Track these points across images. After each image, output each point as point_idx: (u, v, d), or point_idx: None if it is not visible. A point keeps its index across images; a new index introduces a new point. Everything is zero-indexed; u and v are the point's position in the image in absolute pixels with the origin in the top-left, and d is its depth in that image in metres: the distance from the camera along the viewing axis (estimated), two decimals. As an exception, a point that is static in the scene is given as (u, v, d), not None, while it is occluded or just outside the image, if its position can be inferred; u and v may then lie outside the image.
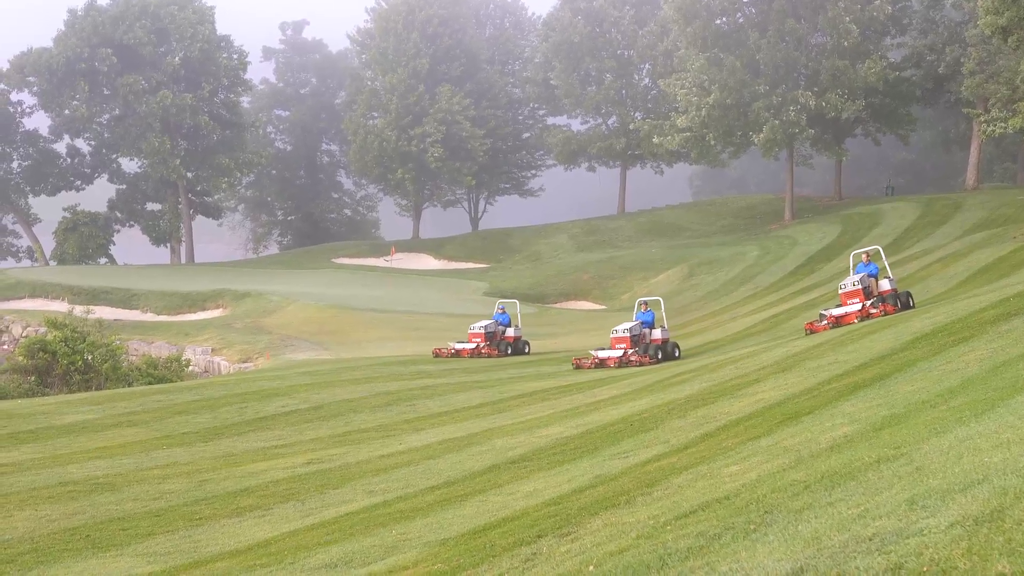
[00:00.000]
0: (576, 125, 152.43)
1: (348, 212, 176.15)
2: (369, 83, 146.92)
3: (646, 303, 50.25)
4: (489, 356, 54.31)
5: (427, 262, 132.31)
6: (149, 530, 18.93)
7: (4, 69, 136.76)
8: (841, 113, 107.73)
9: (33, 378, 52.71)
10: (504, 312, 58.85)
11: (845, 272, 69.57)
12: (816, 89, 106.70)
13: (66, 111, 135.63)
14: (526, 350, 56.85)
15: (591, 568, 10.19)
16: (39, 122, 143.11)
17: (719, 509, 11.65)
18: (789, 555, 8.41)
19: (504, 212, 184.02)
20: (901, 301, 41.72)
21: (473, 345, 55.07)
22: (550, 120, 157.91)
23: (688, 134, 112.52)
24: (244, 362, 65.71)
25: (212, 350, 70.30)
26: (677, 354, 46.85)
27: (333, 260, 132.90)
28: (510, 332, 57.32)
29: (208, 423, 34.13)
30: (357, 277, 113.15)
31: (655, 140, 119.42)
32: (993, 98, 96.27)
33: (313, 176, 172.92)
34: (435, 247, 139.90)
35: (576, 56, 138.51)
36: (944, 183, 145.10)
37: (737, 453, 16.35)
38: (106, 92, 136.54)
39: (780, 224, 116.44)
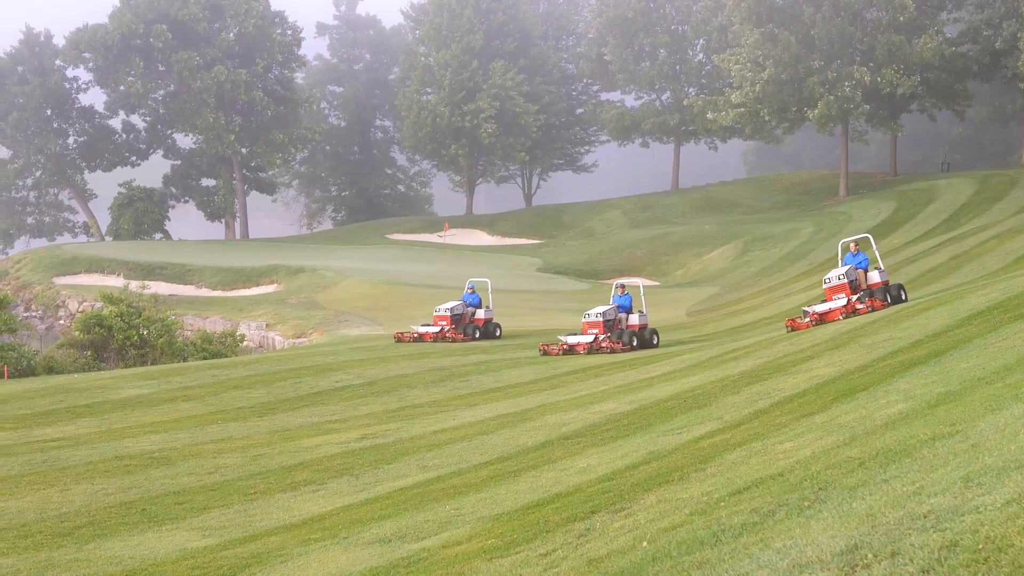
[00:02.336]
0: (630, 101, 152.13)
1: (402, 188, 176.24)
2: (423, 59, 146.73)
3: (623, 286, 48.16)
4: (454, 340, 50.55)
5: (480, 238, 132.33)
6: (204, 504, 19.03)
7: (60, 46, 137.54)
8: (896, 89, 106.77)
9: (89, 353, 53.01)
10: (474, 292, 54.73)
11: (900, 248, 69.19)
12: (871, 64, 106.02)
13: (121, 87, 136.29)
14: (497, 333, 52.98)
15: (644, 544, 10.18)
16: (95, 98, 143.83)
17: (773, 486, 11.61)
18: (843, 532, 8.38)
19: (557, 188, 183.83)
20: (892, 295, 38.42)
21: (437, 329, 51.13)
22: (603, 96, 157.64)
23: (742, 110, 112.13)
24: (298, 337, 65.95)
25: (266, 325, 70.63)
26: (655, 341, 44.58)
27: (387, 236, 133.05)
28: (480, 314, 53.28)
29: (262, 398, 34.26)
30: (410, 253, 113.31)
31: (709, 116, 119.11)
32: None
33: (367, 152, 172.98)
34: (488, 223, 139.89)
35: (630, 31, 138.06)
36: (1000, 159, 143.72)
37: (791, 430, 16.28)
38: (161, 68, 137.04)
39: (834, 200, 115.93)
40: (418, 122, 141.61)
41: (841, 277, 38.79)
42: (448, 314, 51.55)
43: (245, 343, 62.46)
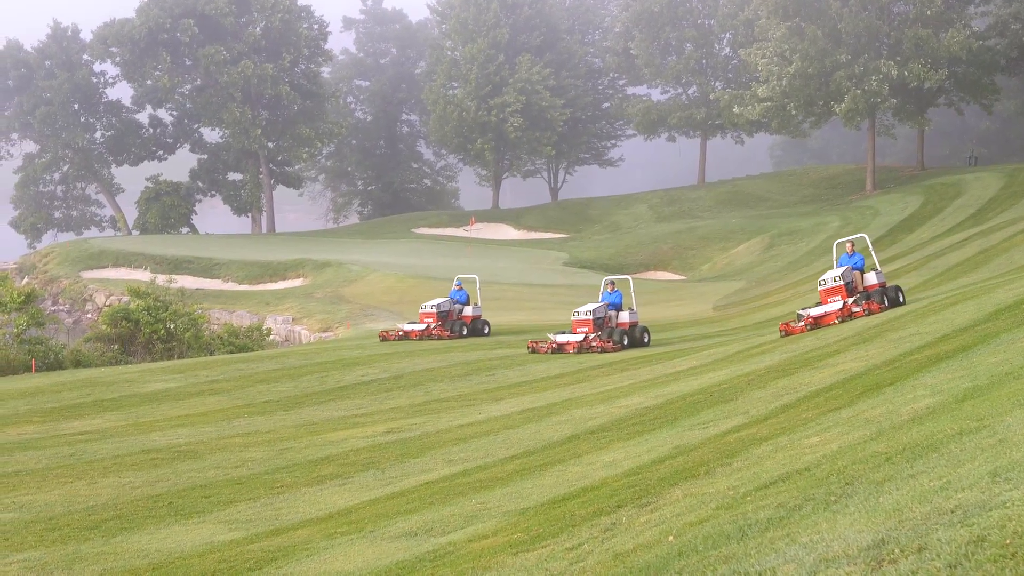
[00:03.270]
0: (656, 95, 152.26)
1: (428, 182, 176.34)
2: (449, 53, 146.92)
3: (613, 283, 46.12)
4: (440, 338, 49.08)
5: (507, 232, 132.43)
6: (231, 498, 19.09)
7: (88, 40, 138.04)
8: (924, 83, 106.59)
9: (116, 346, 53.17)
10: (461, 288, 53.36)
11: (928, 243, 68.94)
12: (898, 58, 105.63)
13: (148, 81, 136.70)
14: (485, 331, 51.65)
15: (671, 538, 10.18)
16: (122, 92, 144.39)
17: (799, 480, 11.61)
18: (870, 527, 8.36)
19: (584, 182, 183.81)
20: (889, 297, 36.88)
21: (423, 326, 49.75)
22: (630, 90, 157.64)
23: (769, 104, 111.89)
24: (324, 331, 66.08)
25: (293, 319, 70.78)
26: (646, 340, 43.08)
27: (413, 230, 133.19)
28: (468, 311, 51.99)
29: (289, 392, 34.37)
30: (436, 247, 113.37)
31: (735, 110, 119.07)
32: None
33: (393, 146, 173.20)
34: (515, 217, 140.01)
35: (656, 25, 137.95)
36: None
37: (817, 424, 16.26)
38: (188, 63, 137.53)
39: (861, 194, 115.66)
40: (444, 116, 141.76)
41: (837, 279, 37.20)
42: (434, 311, 50.30)
43: (271, 337, 62.59)
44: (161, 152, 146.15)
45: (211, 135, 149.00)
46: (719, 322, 56.19)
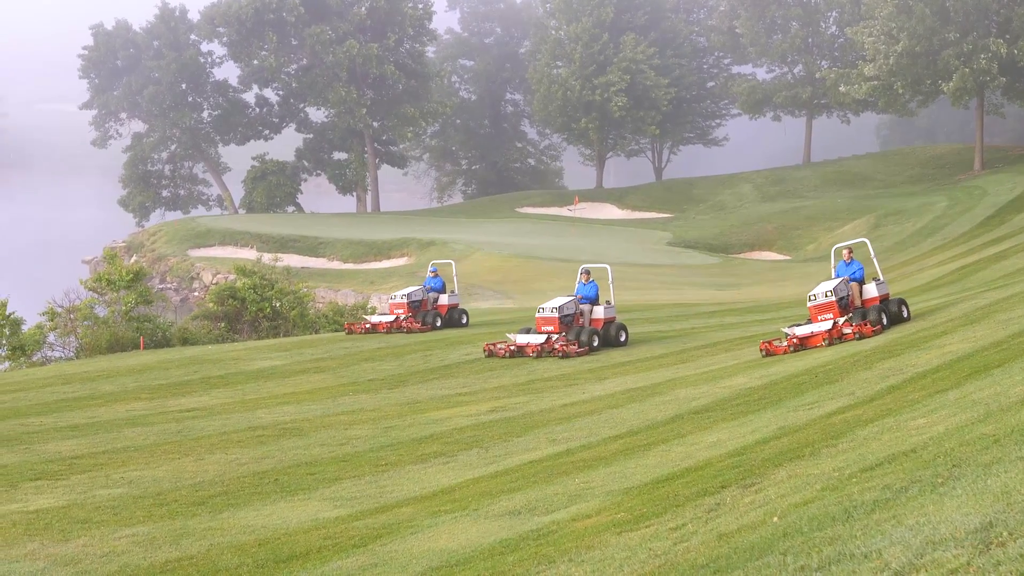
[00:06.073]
0: (761, 74, 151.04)
1: (532, 161, 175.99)
2: (553, 32, 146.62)
3: (588, 272, 40.74)
4: (410, 331, 44.79)
5: (610, 212, 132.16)
6: (336, 475, 19.24)
7: (195, 21, 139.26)
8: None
9: (223, 324, 53.66)
10: (437, 276, 48.80)
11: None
12: (1008, 36, 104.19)
13: (255, 61, 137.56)
14: (463, 321, 47.41)
15: (775, 519, 10.15)
16: (228, 72, 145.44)
17: (905, 462, 11.53)
18: (978, 509, 8.30)
19: (688, 161, 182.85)
20: (890, 313, 32.15)
21: (392, 318, 45.67)
22: (735, 69, 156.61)
23: (875, 83, 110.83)
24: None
25: (397, 298, 70.94)
26: (623, 339, 38.26)
27: (517, 209, 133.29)
28: (444, 300, 47.63)
29: (393, 370, 34.53)
30: (540, 227, 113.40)
31: (841, 89, 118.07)
32: None
33: (497, 126, 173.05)
34: (618, 197, 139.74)
35: (762, 4, 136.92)
36: None
37: (924, 406, 16.14)
38: (294, 42, 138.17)
39: (969, 174, 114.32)
40: (548, 95, 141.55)
41: (829, 294, 31.85)
42: (405, 301, 46.03)
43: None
44: (267, 131, 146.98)
45: (316, 114, 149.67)
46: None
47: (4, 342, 46.76)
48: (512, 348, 36.42)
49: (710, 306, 54.94)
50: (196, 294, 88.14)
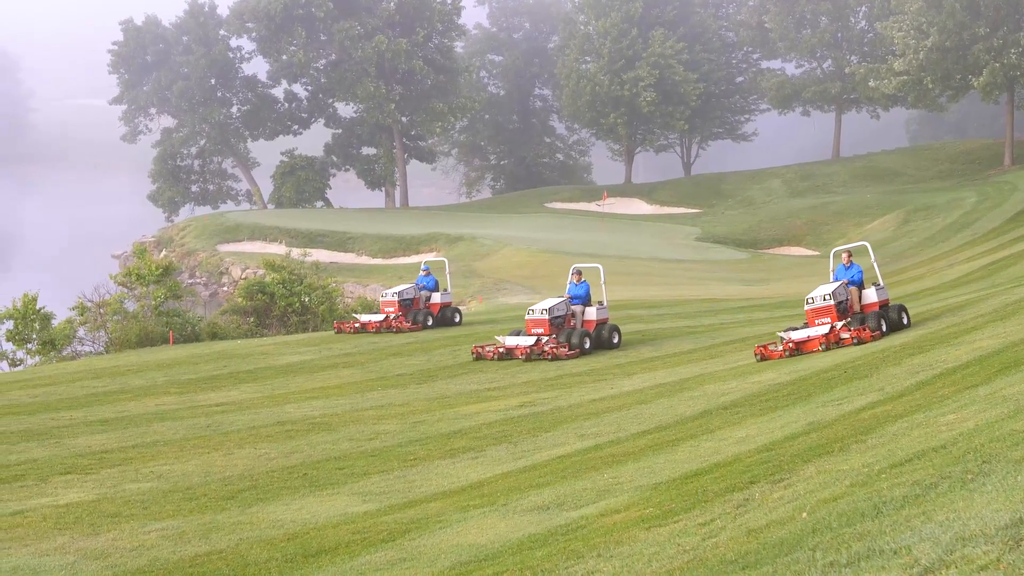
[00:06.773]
0: (790, 69, 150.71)
1: (560, 157, 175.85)
2: (582, 27, 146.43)
3: (580, 272, 39.58)
4: (400, 330, 44.14)
5: (639, 207, 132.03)
6: (364, 470, 19.29)
7: (224, 16, 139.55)
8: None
9: (252, 319, 53.88)
10: (429, 274, 48.33)
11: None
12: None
13: (283, 56, 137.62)
14: (456, 319, 46.85)
15: (804, 515, 10.15)
16: (257, 67, 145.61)
17: (935, 458, 11.51)
18: (1008, 506, 8.28)
19: (717, 157, 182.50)
20: (890, 319, 31.64)
21: (382, 317, 45.07)
22: (764, 64, 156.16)
23: (905, 78, 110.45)
24: (457, 305, 66.39)
25: (425, 293, 71.03)
26: (616, 340, 37.27)
27: (545, 205, 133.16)
28: (436, 298, 47.17)
29: (422, 365, 34.61)
30: (569, 222, 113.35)
31: (871, 84, 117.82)
32: None
33: (526, 121, 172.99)
34: (647, 192, 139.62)
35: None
36: None
37: (954, 402, 16.11)
38: (322, 38, 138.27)
39: (999, 169, 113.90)
40: (577, 91, 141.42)
41: (827, 298, 31.36)
42: (395, 299, 45.50)
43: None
44: (296, 127, 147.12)
45: (345, 110, 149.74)
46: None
47: (35, 336, 47.02)
48: (501, 351, 35.68)
49: (738, 302, 54.92)
50: (225, 289, 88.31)
